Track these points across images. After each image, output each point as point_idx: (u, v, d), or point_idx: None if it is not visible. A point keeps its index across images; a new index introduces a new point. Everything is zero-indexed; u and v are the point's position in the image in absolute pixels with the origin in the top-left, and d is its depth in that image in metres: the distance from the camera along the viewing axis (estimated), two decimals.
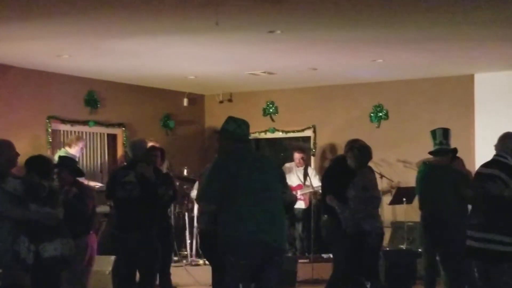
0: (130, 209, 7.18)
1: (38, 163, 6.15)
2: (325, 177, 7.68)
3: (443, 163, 7.80)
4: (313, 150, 13.15)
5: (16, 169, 6.25)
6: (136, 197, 7.09)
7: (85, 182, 10.64)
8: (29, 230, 5.82)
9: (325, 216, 7.33)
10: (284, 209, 5.72)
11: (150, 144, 8.77)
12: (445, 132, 7.83)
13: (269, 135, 13.35)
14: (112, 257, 9.35)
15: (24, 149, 7.68)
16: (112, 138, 12.52)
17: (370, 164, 7.41)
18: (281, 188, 5.69)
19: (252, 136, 12.58)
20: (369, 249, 7.00)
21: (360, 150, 7.11)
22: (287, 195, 5.84)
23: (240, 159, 5.63)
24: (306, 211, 11.78)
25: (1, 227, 5.71)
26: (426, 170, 7.99)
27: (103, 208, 10.56)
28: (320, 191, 11.62)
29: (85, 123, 11.88)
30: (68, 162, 7.21)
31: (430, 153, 7.91)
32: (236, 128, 5.66)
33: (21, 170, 6.30)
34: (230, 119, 5.74)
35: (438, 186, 7.80)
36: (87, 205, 6.88)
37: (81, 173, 7.23)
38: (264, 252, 5.42)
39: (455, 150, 7.86)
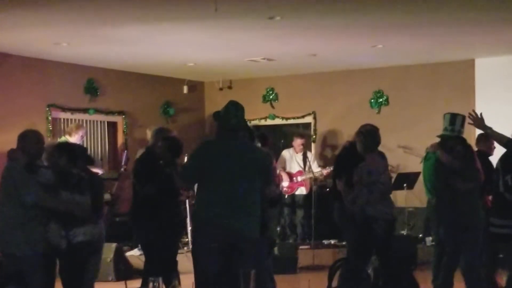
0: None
1: (69, 149, 6.25)
2: (335, 162, 7.73)
3: (432, 150, 7.74)
4: (314, 136, 13.14)
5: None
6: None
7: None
8: (61, 216, 5.94)
9: (336, 203, 7.34)
10: (260, 202, 5.69)
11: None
12: (453, 117, 7.51)
13: (269, 122, 13.34)
14: (114, 245, 9.40)
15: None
16: (112, 126, 12.53)
17: None
18: (260, 181, 5.65)
19: (252, 123, 12.62)
20: (377, 235, 6.90)
21: (365, 134, 7.07)
22: (269, 191, 5.82)
23: (221, 145, 5.70)
24: (307, 197, 11.79)
25: (34, 215, 5.77)
26: (424, 159, 7.98)
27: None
28: (320, 176, 11.76)
29: (85, 111, 11.88)
30: (80, 150, 7.17)
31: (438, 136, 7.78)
32: (226, 115, 5.68)
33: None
34: (228, 104, 5.76)
35: (428, 175, 7.81)
36: (99, 194, 6.89)
37: (91, 161, 7.16)
38: (228, 237, 5.47)
39: (458, 138, 7.55)
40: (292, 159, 12.01)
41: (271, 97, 13.50)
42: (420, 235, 11.07)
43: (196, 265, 5.68)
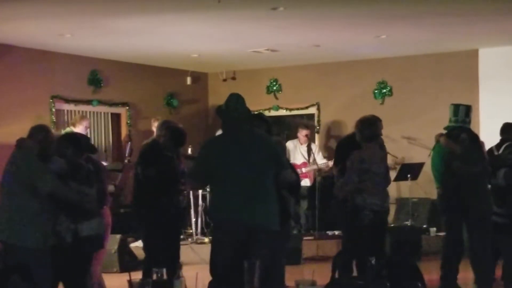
0: None
1: (75, 139, 6.28)
2: (335, 150, 7.75)
3: (436, 139, 7.76)
4: (317, 127, 13.14)
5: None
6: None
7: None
8: (69, 209, 5.92)
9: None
10: (278, 189, 5.68)
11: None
12: (456, 108, 7.61)
13: (273, 113, 13.32)
14: (118, 236, 9.42)
15: (28, 129, 7.66)
16: (116, 117, 12.53)
17: None
18: (273, 168, 5.63)
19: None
20: (363, 225, 6.86)
21: (363, 123, 7.06)
22: (284, 175, 5.76)
23: (225, 140, 5.70)
24: (311, 188, 11.79)
25: (46, 206, 5.78)
26: (432, 149, 7.99)
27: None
28: (325, 168, 11.77)
29: (88, 102, 11.89)
30: (84, 140, 7.17)
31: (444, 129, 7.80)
32: (228, 107, 5.67)
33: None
34: (227, 98, 5.74)
35: (435, 164, 7.82)
36: (104, 181, 6.89)
37: (94, 150, 7.17)
38: (246, 230, 5.46)
39: (462, 128, 7.56)
40: (296, 150, 11.99)
41: (274, 88, 13.49)
42: (425, 226, 11.07)
43: (213, 260, 5.68)
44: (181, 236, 9.99)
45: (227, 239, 5.48)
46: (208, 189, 8.39)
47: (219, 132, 6.77)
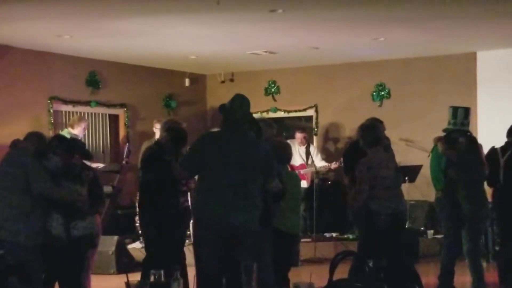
0: None
1: (67, 141, 6.37)
2: (343, 159, 7.81)
3: (434, 143, 7.77)
4: (315, 129, 13.13)
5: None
6: None
7: (88, 163, 10.69)
8: (62, 208, 5.96)
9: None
10: (264, 196, 5.74)
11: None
12: (455, 111, 7.62)
13: (271, 115, 13.31)
14: (115, 237, 9.41)
15: (26, 130, 7.68)
16: (114, 119, 12.52)
17: None
18: (262, 175, 5.68)
19: (254, 116, 12.59)
20: (379, 230, 6.88)
21: (363, 130, 7.06)
22: (271, 186, 5.83)
23: (223, 138, 5.73)
24: (308, 190, 11.78)
25: (38, 204, 5.79)
26: (431, 151, 8.01)
27: (105, 189, 10.59)
28: (323, 170, 11.77)
29: (87, 103, 11.88)
30: (79, 144, 7.18)
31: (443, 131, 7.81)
32: (231, 108, 5.72)
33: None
34: (233, 98, 5.79)
35: (432, 168, 7.83)
36: (101, 187, 6.90)
37: (90, 156, 7.16)
38: (228, 230, 5.51)
39: (460, 131, 7.57)
40: (294, 151, 11.97)
41: (273, 90, 13.48)
42: (422, 228, 11.07)
43: (197, 257, 5.71)
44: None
45: (210, 235, 5.53)
46: None
47: None
